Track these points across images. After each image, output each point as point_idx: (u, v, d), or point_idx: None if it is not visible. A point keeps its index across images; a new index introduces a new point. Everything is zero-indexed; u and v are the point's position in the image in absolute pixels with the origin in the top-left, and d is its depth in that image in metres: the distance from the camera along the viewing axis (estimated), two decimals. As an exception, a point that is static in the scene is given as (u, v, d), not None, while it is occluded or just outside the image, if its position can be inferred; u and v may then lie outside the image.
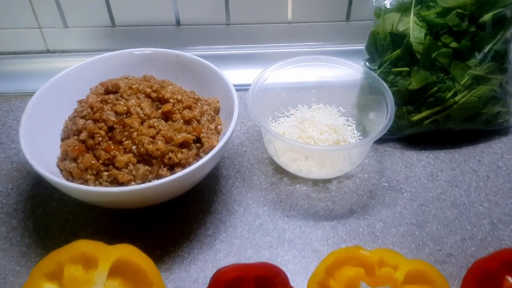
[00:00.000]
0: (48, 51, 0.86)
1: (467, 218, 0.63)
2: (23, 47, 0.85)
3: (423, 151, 0.72)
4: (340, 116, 0.74)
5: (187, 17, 0.82)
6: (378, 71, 0.70)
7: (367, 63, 0.73)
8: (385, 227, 0.62)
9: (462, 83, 0.67)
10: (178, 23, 0.82)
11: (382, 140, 0.72)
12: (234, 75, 0.78)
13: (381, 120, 0.66)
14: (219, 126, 0.66)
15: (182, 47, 0.83)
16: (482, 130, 0.72)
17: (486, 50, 0.68)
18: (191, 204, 0.65)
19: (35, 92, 0.63)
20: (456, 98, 0.67)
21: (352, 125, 0.73)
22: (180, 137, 0.59)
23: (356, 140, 0.71)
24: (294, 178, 0.68)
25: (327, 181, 0.68)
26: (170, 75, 0.71)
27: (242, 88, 0.76)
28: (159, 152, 0.57)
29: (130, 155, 0.58)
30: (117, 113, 0.61)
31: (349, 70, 0.72)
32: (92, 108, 0.62)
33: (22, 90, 0.80)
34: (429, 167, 0.69)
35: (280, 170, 0.69)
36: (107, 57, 0.70)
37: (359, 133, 0.72)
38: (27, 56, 0.86)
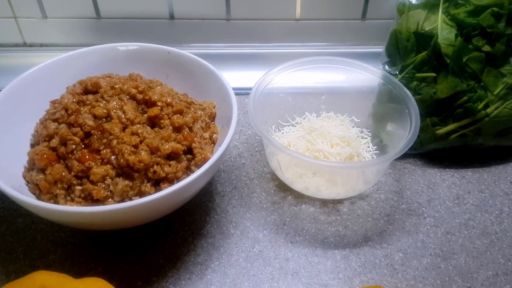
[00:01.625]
0: (24, 44, 0.78)
1: (500, 249, 0.54)
2: None
3: (447, 169, 0.63)
4: (353, 127, 0.66)
5: (182, 10, 0.74)
6: (400, 76, 0.61)
7: (386, 66, 0.64)
8: (405, 259, 0.53)
9: (495, 92, 0.58)
10: (171, 16, 0.74)
11: (401, 156, 0.62)
12: (233, 77, 0.70)
13: (401, 133, 0.57)
14: (214, 135, 0.57)
15: (176, 44, 0.75)
16: (514, 147, 0.64)
17: (524, 55, 0.59)
18: (179, 225, 0.56)
19: (7, 90, 0.56)
20: (488, 110, 0.58)
21: (366, 138, 0.65)
22: (168, 147, 0.51)
23: (371, 155, 0.62)
24: (300, 197, 0.59)
25: (338, 201, 0.59)
26: (160, 75, 0.63)
27: (242, 92, 0.70)
28: (142, 164, 0.49)
29: (108, 166, 0.49)
30: (95, 117, 0.53)
31: (365, 74, 0.63)
32: (66, 110, 0.54)
33: (-6, 87, 0.71)
34: (454, 188, 0.61)
35: (283, 187, 0.60)
36: (87, 51, 0.62)
37: (375, 146, 0.63)
38: (1, 49, 0.78)
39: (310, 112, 0.67)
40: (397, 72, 0.62)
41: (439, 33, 0.58)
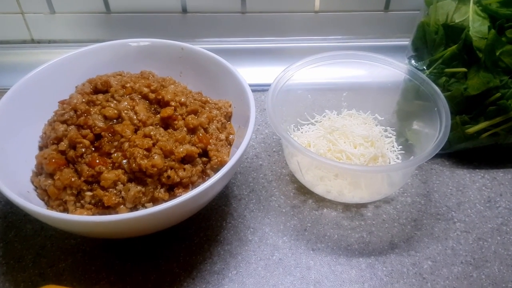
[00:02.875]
0: (32, 41, 0.75)
1: (538, 257, 0.51)
2: (3, 35, 0.75)
3: (477, 169, 0.60)
4: (376, 125, 0.63)
5: (195, 3, 0.71)
6: (428, 71, 0.58)
7: (412, 61, 0.60)
8: (435, 267, 0.50)
9: (531, 88, 0.54)
10: (184, 10, 0.71)
11: (427, 156, 0.59)
12: (250, 73, 0.67)
13: (430, 132, 0.54)
14: (231, 136, 0.54)
15: (189, 38, 0.72)
16: (549, 146, 0.60)
17: (561, 48, 0.55)
18: (194, 231, 0.53)
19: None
20: (523, 107, 0.54)
21: (391, 137, 0.61)
22: (182, 150, 0.48)
23: (396, 155, 0.59)
24: (321, 200, 0.56)
25: (362, 205, 0.56)
26: (173, 72, 0.60)
27: (259, 89, 0.68)
28: (155, 169, 0.46)
29: (120, 171, 0.47)
30: (106, 118, 0.50)
31: (389, 69, 0.60)
32: (76, 111, 0.52)
33: (2, 86, 0.68)
34: (485, 191, 0.57)
35: (304, 190, 0.57)
36: (96, 48, 0.59)
37: (400, 146, 0.60)
38: (8, 46, 0.76)
39: (331, 110, 0.64)
40: (425, 67, 0.58)
41: (470, 25, 0.54)
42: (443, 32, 0.56)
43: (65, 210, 0.47)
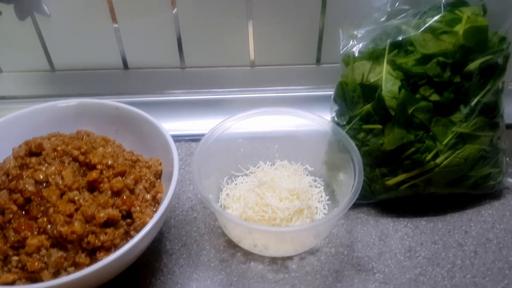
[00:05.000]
0: (-17, 97, 0.77)
1: (450, 307, 0.53)
2: None
3: (401, 218, 0.62)
4: (307, 175, 0.65)
5: (135, 60, 0.73)
6: (347, 127, 0.60)
7: (335, 117, 0.63)
8: (351, 319, 0.52)
9: (444, 142, 0.57)
10: (126, 66, 0.73)
11: (354, 205, 0.60)
12: (191, 125, 0.71)
13: (351, 183, 0.56)
14: (158, 195, 0.56)
15: (131, 93, 0.74)
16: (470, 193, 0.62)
17: (473, 103, 0.58)
18: (124, 288, 0.55)
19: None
20: (438, 160, 0.57)
21: (319, 187, 0.64)
22: (103, 215, 0.50)
23: (324, 205, 0.62)
24: (249, 254, 0.58)
25: (288, 258, 0.58)
26: (109, 130, 0.63)
27: (199, 138, 0.67)
28: (74, 235, 0.48)
29: (43, 237, 0.49)
30: (36, 182, 0.52)
31: (314, 124, 0.62)
32: (7, 175, 0.53)
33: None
34: (407, 240, 0.60)
35: (233, 244, 0.59)
36: (33, 110, 0.62)
37: (328, 196, 0.62)
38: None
39: (265, 161, 0.67)
40: (345, 123, 0.61)
41: (383, 85, 0.57)
42: (360, 90, 0.59)
43: (-6, 274, 0.49)
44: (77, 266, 0.49)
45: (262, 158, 0.67)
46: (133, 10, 0.67)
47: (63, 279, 0.45)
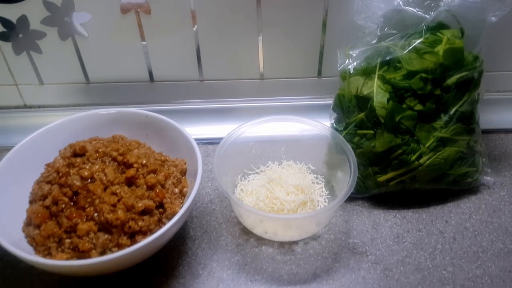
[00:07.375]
0: (25, 106, 0.87)
1: (431, 283, 0.63)
2: (0, 102, 0.87)
3: (390, 210, 0.72)
4: (310, 173, 0.75)
5: (160, 73, 0.83)
6: (344, 132, 0.71)
7: (334, 124, 0.73)
8: (347, 293, 0.62)
9: (427, 145, 0.67)
10: (151, 79, 0.83)
11: (350, 199, 0.72)
12: (208, 130, 0.80)
13: (348, 180, 0.66)
14: (184, 189, 0.66)
15: (156, 102, 0.85)
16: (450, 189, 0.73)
17: (451, 112, 0.68)
18: (155, 268, 0.65)
19: (12, 147, 0.65)
20: (421, 161, 0.67)
21: (321, 184, 0.74)
22: (141, 204, 0.60)
23: (324, 199, 0.72)
24: (261, 239, 0.68)
25: (294, 242, 0.68)
26: (140, 134, 0.72)
27: (216, 142, 0.76)
28: (118, 221, 0.58)
29: (91, 223, 0.58)
30: (82, 178, 0.62)
31: (316, 130, 0.72)
32: (58, 173, 0.63)
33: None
34: (395, 228, 0.69)
35: (247, 231, 0.69)
36: (76, 118, 0.71)
37: (327, 191, 0.72)
38: (4, 111, 0.87)
39: (273, 161, 0.77)
40: (342, 129, 0.71)
41: (374, 97, 0.67)
42: (355, 101, 0.69)
43: (49, 254, 0.58)
44: (120, 246, 0.58)
45: (271, 158, 0.77)
46: (159, 29, 0.78)
47: (109, 256, 0.54)
